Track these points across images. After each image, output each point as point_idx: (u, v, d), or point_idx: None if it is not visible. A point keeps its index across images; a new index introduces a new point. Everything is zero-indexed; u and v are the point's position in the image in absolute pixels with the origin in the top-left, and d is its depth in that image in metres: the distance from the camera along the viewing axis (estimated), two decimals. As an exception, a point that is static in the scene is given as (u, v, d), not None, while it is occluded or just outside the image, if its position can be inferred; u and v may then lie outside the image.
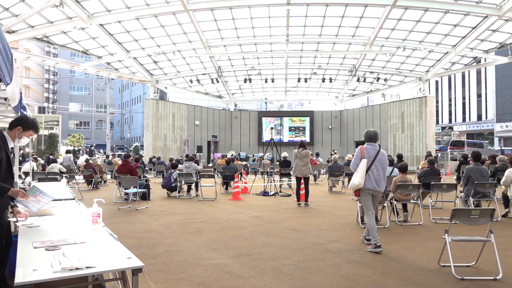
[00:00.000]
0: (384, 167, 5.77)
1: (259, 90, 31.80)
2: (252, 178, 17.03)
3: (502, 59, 22.16)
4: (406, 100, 26.17)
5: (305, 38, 20.48)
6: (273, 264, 4.96)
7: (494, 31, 18.44)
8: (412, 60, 23.15)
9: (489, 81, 43.71)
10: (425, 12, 16.82)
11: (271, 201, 11.26)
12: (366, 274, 4.57)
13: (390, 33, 19.50)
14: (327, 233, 6.86)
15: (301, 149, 10.14)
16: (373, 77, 25.98)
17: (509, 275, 4.50)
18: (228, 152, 27.79)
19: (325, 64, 24.60)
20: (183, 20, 17.76)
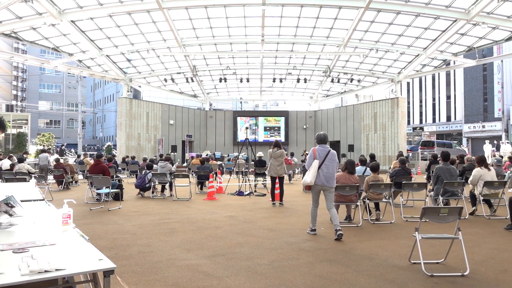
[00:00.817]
0: (334, 166, 6.58)
1: (234, 89, 31.77)
2: (227, 177, 17.00)
3: (470, 62, 22.90)
4: (379, 101, 26.67)
5: (280, 38, 20.58)
6: (247, 263, 4.97)
7: (463, 34, 19.01)
8: (385, 61, 23.61)
9: (457, 83, 45.05)
10: (397, 15, 17.18)
11: (246, 200, 11.27)
12: (339, 272, 4.64)
13: (364, 35, 19.82)
14: (301, 232, 6.91)
15: (276, 149, 10.18)
16: (347, 78, 26.34)
17: (476, 271, 4.65)
18: (203, 151, 27.64)
19: (300, 64, 24.79)
20: (158, 18, 17.55)
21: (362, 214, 7.91)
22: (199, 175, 13.28)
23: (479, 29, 17.97)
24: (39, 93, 68.13)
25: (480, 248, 5.77)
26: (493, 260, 5.14)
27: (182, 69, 24.93)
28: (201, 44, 21.14)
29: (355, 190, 7.53)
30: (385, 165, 23.17)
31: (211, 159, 18.66)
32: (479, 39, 19.68)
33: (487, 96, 41.59)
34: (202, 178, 13.30)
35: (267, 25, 18.67)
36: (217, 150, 29.52)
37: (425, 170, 15.12)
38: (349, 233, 6.80)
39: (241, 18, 18.19)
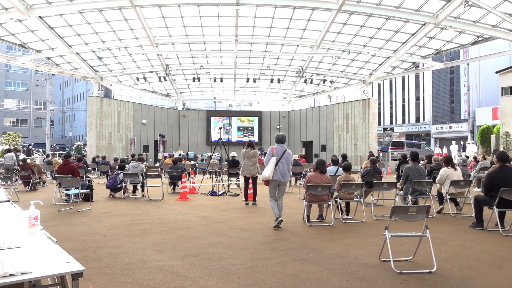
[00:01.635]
0: (289, 164, 7.40)
1: (208, 89, 31.62)
2: (200, 178, 16.90)
3: (438, 64, 23.58)
4: (351, 102, 27.10)
5: (254, 38, 20.62)
6: (220, 264, 4.95)
7: (431, 38, 19.56)
8: (356, 63, 24.02)
9: (426, 85, 46.31)
10: (368, 17, 17.51)
11: (219, 201, 11.24)
12: (311, 271, 4.69)
13: (336, 37, 20.11)
14: (274, 231, 6.95)
15: (250, 149, 10.19)
16: (319, 79, 26.66)
17: (443, 267, 4.79)
18: (175, 151, 27.38)
19: (273, 65, 24.91)
20: (130, 16, 17.26)
21: (334, 214, 8.02)
22: (171, 175, 13.14)
23: (447, 33, 18.54)
24: (5, 90, 65.78)
25: (447, 245, 5.95)
26: (459, 257, 5.31)
27: (154, 68, 24.62)
28: (175, 43, 20.94)
29: (327, 190, 7.63)
30: (356, 165, 23.56)
31: (184, 159, 18.51)
32: (446, 43, 20.31)
33: (454, 98, 42.92)
34: (175, 178, 13.17)
35: (241, 25, 18.68)
36: (190, 150, 29.31)
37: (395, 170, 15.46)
38: (321, 232, 6.88)
39: (215, 18, 18.12)
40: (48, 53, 21.00)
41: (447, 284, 4.26)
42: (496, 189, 6.78)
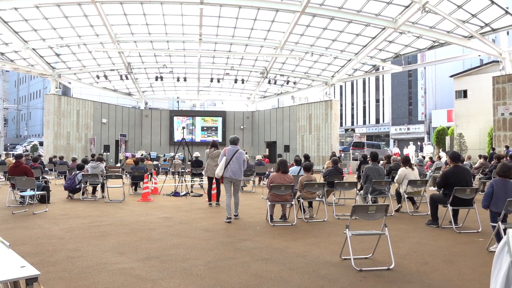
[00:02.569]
0: (240, 163, 8.03)
1: (171, 88, 31.21)
2: (163, 178, 16.65)
3: (397, 68, 24.38)
4: (314, 103, 27.52)
5: (218, 38, 20.55)
6: (183, 265, 4.90)
7: (391, 42, 20.19)
8: (319, 65, 24.42)
9: (386, 87, 47.74)
10: (331, 20, 17.84)
11: (182, 201, 11.12)
12: (274, 270, 4.72)
13: (300, 39, 20.36)
14: (238, 232, 6.95)
15: (213, 149, 10.14)
16: (283, 80, 26.91)
17: (400, 264, 4.95)
18: (137, 151, 26.83)
19: (237, 65, 24.91)
20: (90, 12, 16.77)
21: (297, 213, 8.11)
22: (133, 175, 12.88)
23: (405, 38, 19.20)
24: (-47, 87, 62.21)
25: (404, 242, 6.15)
26: (415, 254, 5.50)
27: (116, 66, 24.04)
28: (137, 41, 20.53)
29: (290, 190, 7.71)
30: (319, 165, 23.95)
31: (146, 159, 18.18)
32: (405, 47, 21.02)
33: (411, 100, 44.49)
34: (137, 179, 12.91)
35: (205, 24, 18.56)
36: (153, 150, 28.82)
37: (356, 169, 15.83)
38: (284, 232, 6.94)
39: (178, 16, 17.91)
40: (2, 48, 20.07)
41: (405, 280, 4.41)
42: (450, 187, 7.08)
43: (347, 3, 16.36)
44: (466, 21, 17.41)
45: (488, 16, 17.23)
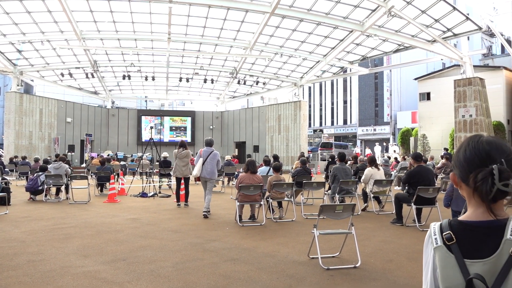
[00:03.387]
0: (214, 163, 8.68)
1: (139, 87, 30.71)
2: (130, 179, 16.34)
3: (363, 70, 24.90)
4: (283, 104, 27.72)
5: (187, 37, 20.38)
6: (150, 267, 4.83)
7: (358, 45, 20.61)
8: (288, 66, 24.63)
9: (353, 89, 48.66)
10: (300, 22, 18.03)
11: (149, 202, 10.95)
12: (242, 270, 4.72)
13: (269, 39, 20.47)
14: (206, 232, 6.91)
15: (182, 149, 10.05)
16: (252, 80, 26.98)
17: (366, 262, 5.06)
18: (104, 152, 26.22)
19: (207, 65, 24.78)
20: (54, 8, 16.27)
21: (266, 213, 8.15)
22: (99, 176, 12.58)
23: (372, 41, 19.64)
24: None
25: (370, 241, 6.29)
26: (381, 252, 5.64)
27: (81, 63, 23.40)
28: (103, 38, 20.08)
29: (259, 190, 7.74)
30: (288, 165, 24.14)
31: (113, 160, 17.81)
32: (371, 50, 21.50)
33: (378, 102, 45.55)
34: (103, 180, 12.62)
35: (174, 23, 18.37)
36: (120, 150, 28.25)
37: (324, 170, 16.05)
38: (253, 232, 6.96)
39: (146, 14, 17.64)
40: (-41, 43, 19.20)
41: (370, 278, 4.50)
42: (414, 187, 7.30)
43: (316, 5, 16.58)
44: (429, 26, 18.01)
45: (450, 21, 17.89)
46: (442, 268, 1.19)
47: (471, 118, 19.85)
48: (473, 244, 1.18)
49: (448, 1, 16.65)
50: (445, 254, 1.19)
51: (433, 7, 16.51)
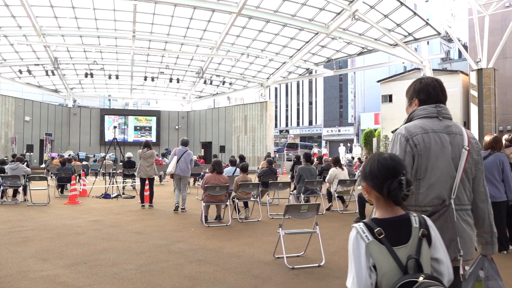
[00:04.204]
0: (187, 162, 9.31)
1: (102, 86, 29.95)
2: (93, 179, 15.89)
3: (328, 72, 25.32)
4: (249, 104, 27.78)
5: (153, 36, 20.03)
6: (113, 270, 4.72)
7: (323, 47, 20.94)
8: (255, 66, 24.70)
9: (318, 90, 49.39)
10: (266, 23, 18.12)
11: (113, 203, 10.70)
12: (208, 271, 4.70)
13: (236, 40, 20.45)
14: (171, 233, 6.83)
15: (146, 149, 9.90)
16: (219, 80, 26.88)
17: (330, 261, 5.15)
18: (65, 152, 25.39)
19: (172, 64, 24.45)
20: (11, 2, 15.58)
21: (232, 214, 8.14)
22: (59, 177, 12.18)
23: (337, 43, 20.01)
24: None
25: (334, 240, 6.40)
26: (345, 250, 5.74)
27: (41, 60, 22.55)
28: (65, 34, 19.44)
29: (225, 190, 7.72)
30: (254, 166, 24.21)
31: (74, 160, 17.29)
32: (336, 52, 21.90)
33: (342, 103, 46.43)
34: (63, 181, 12.24)
35: (139, 21, 18.03)
36: (82, 150, 27.44)
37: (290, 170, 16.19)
38: (219, 233, 6.93)
39: (110, 11, 17.22)
40: None
41: (334, 276, 4.59)
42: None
43: (282, 7, 16.71)
44: (391, 30, 18.54)
45: (411, 26, 18.49)
46: (377, 258, 1.53)
47: (431, 120, 20.52)
48: (394, 235, 1.58)
49: (409, 7, 17.21)
50: (378, 246, 1.54)
51: (395, 12, 17.01)
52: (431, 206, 2.04)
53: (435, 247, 1.62)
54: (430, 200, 2.04)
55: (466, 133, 2.16)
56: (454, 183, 2.07)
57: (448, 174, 2.07)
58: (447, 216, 2.02)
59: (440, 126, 2.12)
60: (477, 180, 2.17)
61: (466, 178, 2.11)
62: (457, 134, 2.13)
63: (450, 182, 2.06)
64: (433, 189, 2.05)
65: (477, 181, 2.17)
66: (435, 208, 2.04)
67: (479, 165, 2.17)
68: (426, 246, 1.58)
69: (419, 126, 2.13)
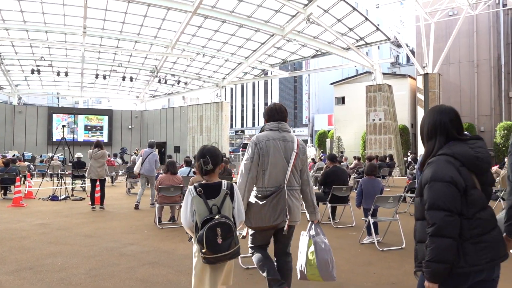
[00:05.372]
0: (152, 162, 9.81)
1: (50, 83, 28.66)
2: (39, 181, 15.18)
3: (283, 73, 25.66)
4: (205, 104, 27.62)
5: (105, 32, 19.43)
6: (60, 275, 4.53)
7: (278, 48, 21.20)
8: (211, 66, 24.58)
9: (274, 91, 49.95)
10: (222, 23, 18.09)
11: (61, 206, 10.27)
12: (161, 274, 4.62)
13: (191, 39, 20.25)
14: (123, 236, 6.66)
15: (97, 149, 9.60)
16: (174, 80, 26.49)
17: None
18: (8, 152, 24.05)
19: (126, 62, 23.79)
20: (-51, -9, 14.62)
21: (186, 215, 8.03)
22: (2, 178, 11.54)
23: (292, 45, 20.33)
24: None
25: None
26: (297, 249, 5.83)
27: (-18, 55, 21.26)
28: (9, 28, 18.42)
29: (179, 191, 7.63)
30: (209, 166, 24.03)
31: (19, 160, 16.42)
32: (291, 54, 22.24)
33: (297, 104, 47.22)
34: (7, 182, 11.61)
35: (90, 16, 17.42)
36: (27, 150, 26.10)
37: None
38: (172, 234, 6.84)
39: (59, 6, 16.54)
40: None
41: (287, 275, 4.64)
42: (329, 186, 7.68)
43: (238, 7, 16.75)
44: (344, 34, 19.09)
45: (363, 31, 19.15)
46: (196, 206, 2.58)
47: (381, 121, 21.37)
48: (209, 192, 2.63)
49: (361, 12, 17.81)
50: (197, 199, 2.60)
51: (348, 16, 17.55)
52: (272, 187, 3.30)
53: (235, 201, 2.68)
54: (271, 184, 3.29)
55: (297, 140, 3.43)
56: (287, 173, 3.30)
57: (283, 167, 3.31)
58: (281, 194, 3.27)
59: (278, 136, 3.37)
60: (302, 171, 3.45)
61: (296, 170, 3.38)
62: (290, 141, 3.38)
63: (284, 173, 3.30)
64: (273, 177, 3.29)
65: (302, 172, 3.45)
66: (275, 189, 3.29)
67: (305, 162, 3.48)
68: (228, 200, 2.64)
69: (265, 135, 3.36)
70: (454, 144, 2.04)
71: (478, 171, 2.00)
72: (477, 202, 1.95)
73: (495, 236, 1.97)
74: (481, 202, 1.98)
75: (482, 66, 26.19)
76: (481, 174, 2.01)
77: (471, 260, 1.90)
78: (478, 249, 1.91)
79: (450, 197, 1.90)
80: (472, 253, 1.90)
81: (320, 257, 3.31)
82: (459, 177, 1.93)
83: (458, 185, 1.92)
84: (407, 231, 6.64)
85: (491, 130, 25.35)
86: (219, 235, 2.45)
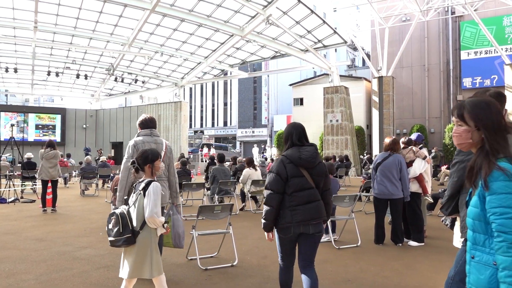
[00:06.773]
0: None
1: (-2, 80, 27.18)
2: (-15, 183, 14.38)
3: (243, 74, 25.72)
4: (163, 104, 27.18)
5: (58, 28, 18.65)
6: (8, 281, 4.31)
7: (238, 49, 21.20)
8: (169, 65, 24.21)
9: (233, 92, 49.90)
10: (181, 22, 17.86)
11: (9, 209, 9.78)
12: (116, 277, 4.48)
13: (149, 37, 19.85)
14: (77, 239, 6.43)
15: (49, 149, 9.23)
16: (131, 78, 25.84)
17: (243, 260, 5.23)
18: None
19: (80, 59, 22.96)
20: None
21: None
22: None
23: (251, 46, 20.41)
24: None
25: (247, 239, 6.51)
26: (257, 249, 5.88)
27: None
28: (-49, 20, 17.33)
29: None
30: (167, 167, 23.67)
31: (-37, 161, 15.45)
32: (251, 55, 22.32)
33: (256, 105, 47.41)
34: (-51, 184, 10.89)
35: (42, 11, 16.68)
36: (-28, 150, 24.65)
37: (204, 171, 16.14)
38: (129, 236, 6.67)
39: (8, -2, 15.71)
40: None
41: (247, 275, 4.67)
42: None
43: (197, 6, 16.60)
44: (303, 36, 19.39)
45: (321, 34, 19.52)
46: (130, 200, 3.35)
47: (338, 123, 21.87)
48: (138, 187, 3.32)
49: (319, 15, 18.15)
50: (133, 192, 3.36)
51: (306, 19, 17.83)
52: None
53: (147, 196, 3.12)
54: None
55: (165, 143, 4.39)
56: None
57: None
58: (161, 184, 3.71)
59: (151, 140, 4.33)
60: (170, 166, 4.39)
61: (164, 165, 4.13)
62: (160, 144, 4.30)
63: None
64: None
65: (170, 167, 4.38)
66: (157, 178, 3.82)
67: (171, 160, 4.45)
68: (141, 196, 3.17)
69: (141, 139, 4.36)
70: (291, 148, 3.24)
71: (306, 166, 3.19)
72: (296, 185, 3.15)
73: (307, 207, 3.15)
74: (300, 185, 3.15)
75: (432, 70, 27.40)
76: (310, 168, 3.20)
77: (287, 220, 3.16)
78: (293, 214, 3.14)
79: (274, 182, 3.18)
80: (288, 216, 3.16)
81: (175, 230, 3.84)
82: (283, 170, 3.17)
83: (281, 175, 3.16)
84: (363, 229, 6.85)
85: (440, 132, 26.56)
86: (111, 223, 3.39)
